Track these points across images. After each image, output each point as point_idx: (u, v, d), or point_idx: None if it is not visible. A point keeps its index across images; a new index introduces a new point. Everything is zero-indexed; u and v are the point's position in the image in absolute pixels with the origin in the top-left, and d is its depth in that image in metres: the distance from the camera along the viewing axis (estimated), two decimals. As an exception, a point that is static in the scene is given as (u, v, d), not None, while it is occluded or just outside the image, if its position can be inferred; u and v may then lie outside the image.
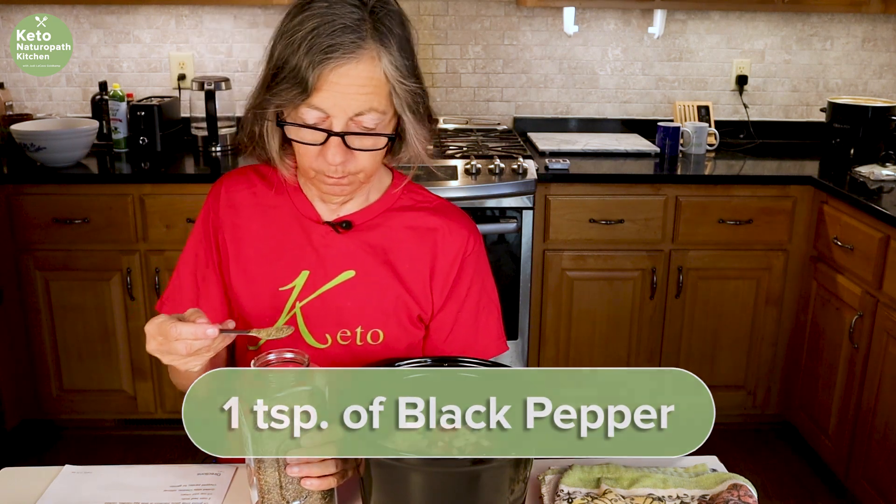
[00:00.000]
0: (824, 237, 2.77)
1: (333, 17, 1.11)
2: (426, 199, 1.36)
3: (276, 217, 1.30)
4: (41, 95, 3.33)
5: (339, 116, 1.13)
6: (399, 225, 1.32)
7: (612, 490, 1.15)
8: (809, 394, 2.87)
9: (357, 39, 1.11)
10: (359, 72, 1.11)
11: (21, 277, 2.81)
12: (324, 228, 1.30)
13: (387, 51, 1.13)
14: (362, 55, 1.11)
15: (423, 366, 1.17)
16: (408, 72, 1.15)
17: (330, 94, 1.11)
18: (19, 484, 1.21)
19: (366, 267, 1.29)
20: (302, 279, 1.28)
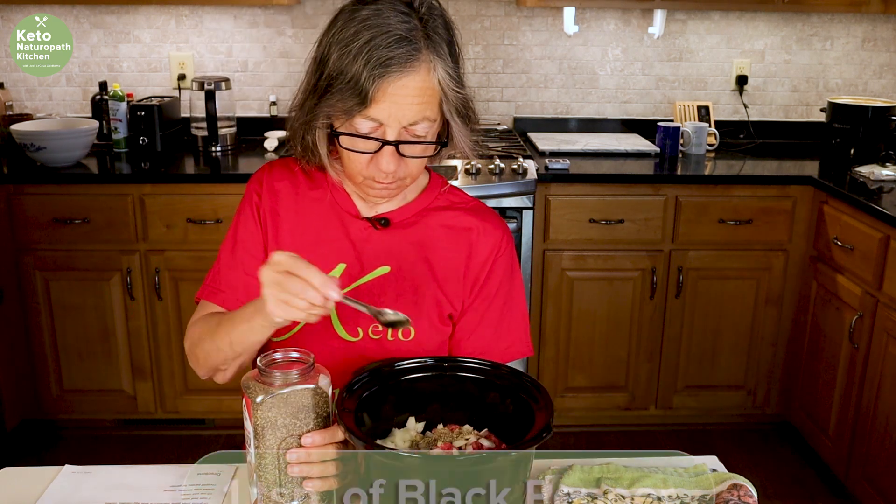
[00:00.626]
0: (824, 237, 2.77)
1: (388, 27, 1.12)
2: (462, 200, 1.38)
3: (316, 210, 1.32)
4: (41, 95, 3.33)
5: (394, 126, 1.14)
6: (436, 224, 1.33)
7: (612, 490, 1.15)
8: (809, 394, 2.87)
9: (413, 51, 1.12)
10: (416, 83, 1.13)
11: (21, 277, 2.81)
12: (362, 223, 1.31)
13: (441, 60, 1.15)
14: (419, 67, 1.13)
15: (422, 366, 1.18)
16: (458, 78, 1.18)
17: (387, 105, 1.13)
18: (19, 484, 1.21)
19: (402, 263, 1.30)
20: (338, 271, 1.29)
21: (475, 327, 1.34)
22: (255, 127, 3.31)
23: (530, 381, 1.13)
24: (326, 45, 1.16)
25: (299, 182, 1.34)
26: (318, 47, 1.19)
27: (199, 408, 2.97)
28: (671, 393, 3.06)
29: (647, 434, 3.11)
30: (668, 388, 3.06)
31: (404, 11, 1.14)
